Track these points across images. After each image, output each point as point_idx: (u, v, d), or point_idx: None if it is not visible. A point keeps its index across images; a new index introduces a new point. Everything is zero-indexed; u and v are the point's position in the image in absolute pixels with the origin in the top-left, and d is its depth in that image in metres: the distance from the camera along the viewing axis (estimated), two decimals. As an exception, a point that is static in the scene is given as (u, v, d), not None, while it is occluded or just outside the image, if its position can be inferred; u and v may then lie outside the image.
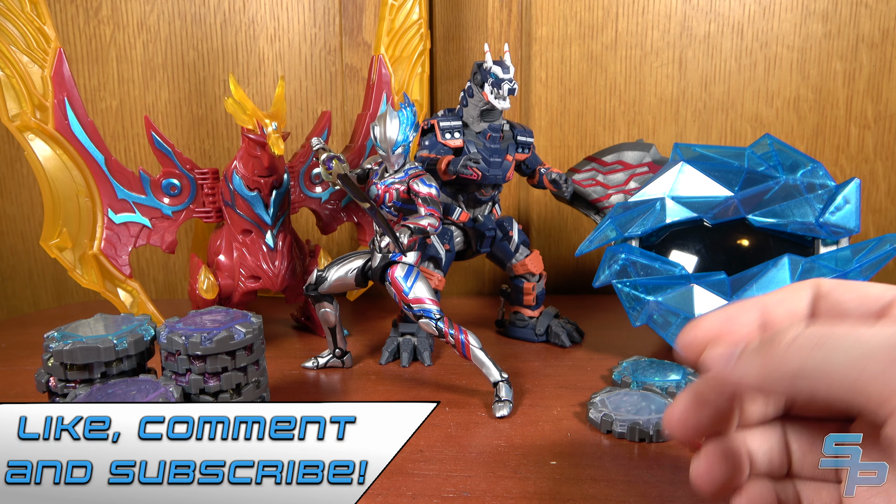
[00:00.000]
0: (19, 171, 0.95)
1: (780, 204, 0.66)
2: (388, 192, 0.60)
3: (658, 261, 0.65)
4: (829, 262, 0.61)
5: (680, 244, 0.68)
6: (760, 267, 0.62)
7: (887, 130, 0.91)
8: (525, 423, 0.54)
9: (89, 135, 0.68)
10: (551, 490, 0.44)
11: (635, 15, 0.90)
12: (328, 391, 0.62)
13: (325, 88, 0.93)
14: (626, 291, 0.64)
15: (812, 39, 0.89)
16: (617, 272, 0.66)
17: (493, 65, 0.65)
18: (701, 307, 0.62)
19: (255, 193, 0.67)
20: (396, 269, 0.60)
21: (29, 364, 0.69)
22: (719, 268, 0.65)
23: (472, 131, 0.68)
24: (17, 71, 0.65)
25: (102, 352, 0.48)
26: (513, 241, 0.72)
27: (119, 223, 0.70)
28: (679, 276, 0.64)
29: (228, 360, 0.50)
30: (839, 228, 0.64)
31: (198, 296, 0.69)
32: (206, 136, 0.94)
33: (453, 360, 0.68)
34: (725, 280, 0.62)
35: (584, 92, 0.92)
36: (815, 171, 0.66)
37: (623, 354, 0.69)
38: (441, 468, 0.47)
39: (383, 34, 0.76)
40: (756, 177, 0.67)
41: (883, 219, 0.94)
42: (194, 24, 0.91)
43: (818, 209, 0.65)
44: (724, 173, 0.68)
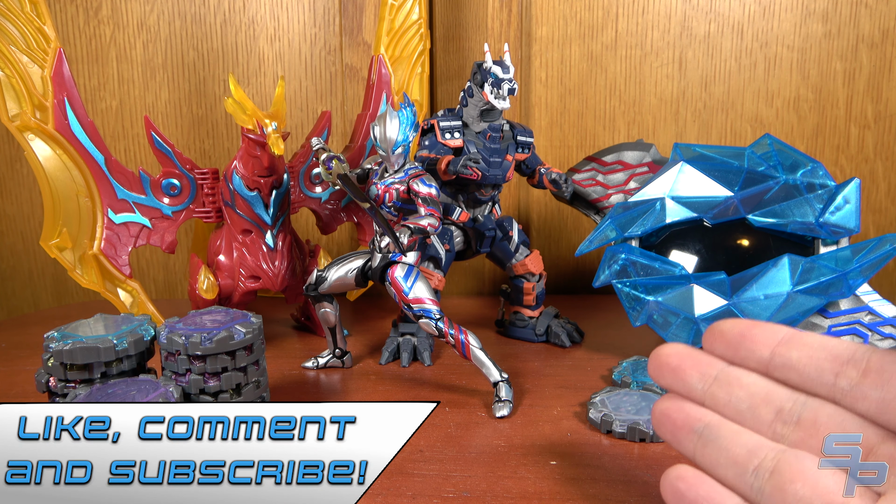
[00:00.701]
0: (19, 171, 0.95)
1: (780, 204, 0.66)
2: (388, 192, 0.60)
3: (658, 261, 0.65)
4: (829, 262, 0.61)
5: (680, 244, 0.68)
6: (760, 267, 0.62)
7: (887, 130, 0.91)
8: (525, 423, 0.54)
9: (89, 135, 0.68)
10: (551, 490, 0.44)
11: (635, 15, 0.90)
12: (328, 391, 0.62)
13: (325, 88, 0.93)
14: (626, 291, 0.64)
15: (812, 39, 0.89)
16: (617, 272, 0.66)
17: (493, 65, 0.65)
18: (701, 307, 0.62)
19: (255, 193, 0.67)
20: (396, 269, 0.60)
21: (29, 364, 0.69)
22: (719, 268, 0.65)
23: (472, 131, 0.68)
24: (17, 71, 0.65)
25: (102, 352, 0.48)
26: (513, 241, 0.72)
27: (119, 223, 0.70)
28: (679, 276, 0.64)
29: (228, 360, 0.50)
30: (839, 228, 0.64)
31: (198, 296, 0.69)
32: (206, 136, 0.94)
33: (453, 360, 0.68)
34: (725, 280, 0.62)
35: (584, 92, 0.92)
36: (815, 171, 0.66)
37: (623, 354, 0.69)
38: (441, 468, 0.47)
39: (383, 34, 0.76)
40: (756, 177, 0.67)
41: (883, 219, 0.94)
42: (194, 24, 0.91)
43: (818, 209, 0.65)
44: (724, 173, 0.68)
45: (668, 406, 0.36)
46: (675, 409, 0.35)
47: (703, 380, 0.35)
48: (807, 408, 0.33)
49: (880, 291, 0.66)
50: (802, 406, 0.33)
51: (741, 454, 0.32)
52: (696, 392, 0.35)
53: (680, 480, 0.33)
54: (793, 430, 0.33)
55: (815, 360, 0.33)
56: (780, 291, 0.60)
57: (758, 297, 0.61)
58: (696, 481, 0.33)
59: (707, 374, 0.35)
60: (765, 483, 0.31)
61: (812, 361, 0.33)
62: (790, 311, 0.59)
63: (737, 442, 0.33)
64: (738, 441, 0.33)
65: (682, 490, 0.33)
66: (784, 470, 0.31)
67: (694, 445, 0.34)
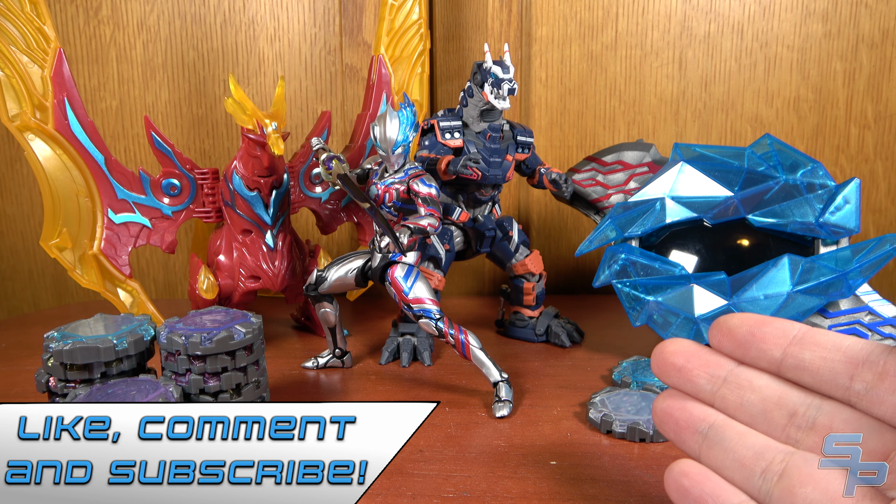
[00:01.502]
0: (19, 171, 0.95)
1: (780, 204, 0.66)
2: (387, 192, 0.60)
3: (658, 261, 0.65)
4: (829, 262, 0.61)
5: (680, 244, 0.68)
6: (760, 267, 0.62)
7: (887, 130, 0.91)
8: (525, 423, 0.54)
9: (89, 135, 0.68)
10: (551, 490, 0.44)
11: (635, 15, 0.90)
12: (328, 391, 0.62)
13: (325, 88, 0.93)
14: (626, 291, 0.64)
15: (812, 39, 0.89)
16: (617, 272, 0.66)
17: (492, 65, 0.65)
18: (701, 307, 0.62)
19: (255, 193, 0.67)
20: (396, 269, 0.60)
21: (29, 364, 0.69)
22: (719, 268, 0.65)
23: (472, 131, 0.68)
24: (17, 71, 0.65)
25: (102, 352, 0.48)
26: (513, 241, 0.72)
27: (119, 223, 0.70)
28: (679, 276, 0.64)
29: (228, 360, 0.50)
30: (839, 228, 0.64)
31: (198, 296, 0.69)
32: (206, 136, 0.94)
33: (453, 360, 0.68)
34: (725, 280, 0.62)
35: (584, 92, 0.92)
36: (815, 171, 0.66)
37: (623, 354, 0.69)
38: (441, 468, 0.47)
39: (383, 34, 0.76)
40: (756, 177, 0.67)
41: (883, 219, 0.94)
42: (194, 24, 0.91)
43: (818, 209, 0.65)
44: (724, 173, 0.68)
45: (669, 405, 0.35)
46: (678, 408, 0.35)
47: (711, 381, 0.34)
48: (822, 412, 0.32)
49: (880, 291, 0.66)
50: (817, 410, 0.32)
51: (748, 456, 0.32)
52: (705, 393, 0.35)
53: (684, 477, 0.33)
54: (807, 434, 0.32)
55: (829, 362, 0.32)
56: (780, 291, 0.60)
57: (758, 297, 0.61)
58: (701, 477, 0.33)
59: (716, 375, 0.34)
60: (773, 486, 0.30)
61: (826, 363, 0.32)
62: (790, 311, 0.59)
63: (743, 444, 0.32)
64: (744, 443, 0.32)
65: (686, 486, 0.33)
66: (793, 473, 0.30)
67: (699, 446, 0.34)
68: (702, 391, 0.35)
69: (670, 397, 0.36)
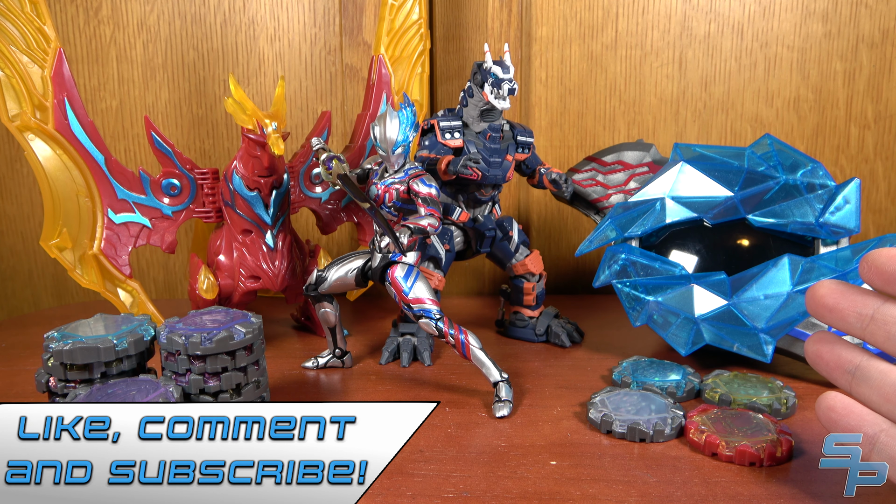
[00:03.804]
0: (19, 171, 0.95)
1: (780, 204, 0.66)
2: (388, 192, 0.60)
3: (658, 261, 0.65)
4: (829, 262, 0.61)
5: (680, 244, 0.68)
6: (760, 267, 0.62)
7: (887, 130, 0.91)
8: (525, 423, 0.54)
9: (89, 135, 0.68)
10: (551, 490, 0.44)
11: (635, 15, 0.90)
12: (328, 391, 0.62)
13: (325, 88, 0.93)
14: (626, 291, 0.64)
15: (812, 39, 0.89)
16: (617, 272, 0.66)
17: (493, 65, 0.65)
18: (701, 307, 0.62)
19: (255, 193, 0.67)
20: (396, 269, 0.60)
21: (29, 364, 0.69)
22: (719, 268, 0.65)
23: (472, 131, 0.68)
24: (17, 71, 0.65)
25: (102, 352, 0.48)
26: (513, 241, 0.72)
27: (119, 223, 0.70)
28: (679, 276, 0.64)
29: (228, 360, 0.50)
30: (839, 228, 0.64)
31: (198, 296, 0.69)
32: (206, 136, 0.94)
33: (453, 360, 0.68)
34: (725, 280, 0.62)
35: (584, 92, 0.92)
36: (815, 171, 0.66)
37: (623, 354, 0.69)
38: (441, 468, 0.47)
39: (383, 34, 0.76)
40: (756, 177, 0.67)
41: (883, 219, 0.94)
42: (194, 24, 0.91)
43: (818, 209, 0.65)
44: (724, 173, 0.68)
45: (820, 348, 0.40)
46: (827, 351, 0.40)
47: (860, 319, 0.38)
48: None
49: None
50: None
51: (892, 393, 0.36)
52: (855, 330, 0.38)
53: (831, 411, 0.38)
54: None
55: None
56: (780, 291, 0.60)
57: (758, 297, 0.61)
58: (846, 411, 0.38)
59: (864, 314, 0.38)
60: None
61: None
62: (790, 311, 0.59)
63: (886, 381, 0.37)
64: (887, 381, 0.37)
65: (834, 419, 0.38)
66: None
67: (849, 384, 0.39)
68: (852, 328, 0.39)
69: (820, 341, 0.40)
